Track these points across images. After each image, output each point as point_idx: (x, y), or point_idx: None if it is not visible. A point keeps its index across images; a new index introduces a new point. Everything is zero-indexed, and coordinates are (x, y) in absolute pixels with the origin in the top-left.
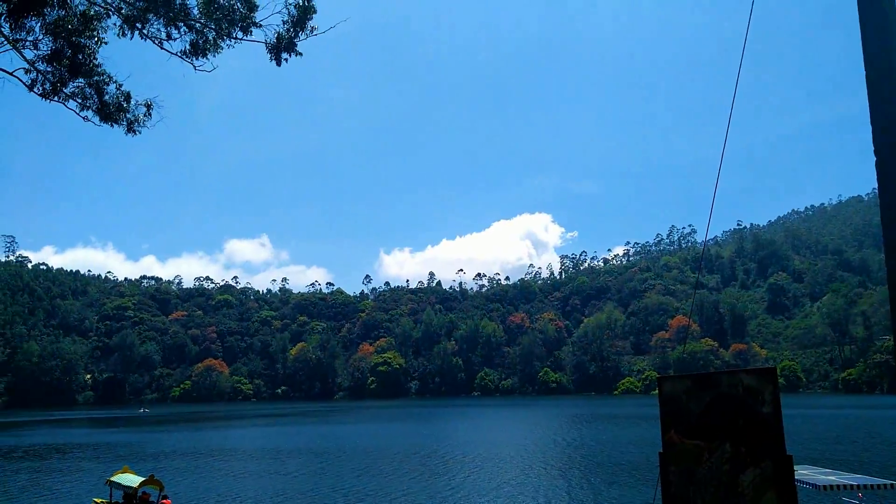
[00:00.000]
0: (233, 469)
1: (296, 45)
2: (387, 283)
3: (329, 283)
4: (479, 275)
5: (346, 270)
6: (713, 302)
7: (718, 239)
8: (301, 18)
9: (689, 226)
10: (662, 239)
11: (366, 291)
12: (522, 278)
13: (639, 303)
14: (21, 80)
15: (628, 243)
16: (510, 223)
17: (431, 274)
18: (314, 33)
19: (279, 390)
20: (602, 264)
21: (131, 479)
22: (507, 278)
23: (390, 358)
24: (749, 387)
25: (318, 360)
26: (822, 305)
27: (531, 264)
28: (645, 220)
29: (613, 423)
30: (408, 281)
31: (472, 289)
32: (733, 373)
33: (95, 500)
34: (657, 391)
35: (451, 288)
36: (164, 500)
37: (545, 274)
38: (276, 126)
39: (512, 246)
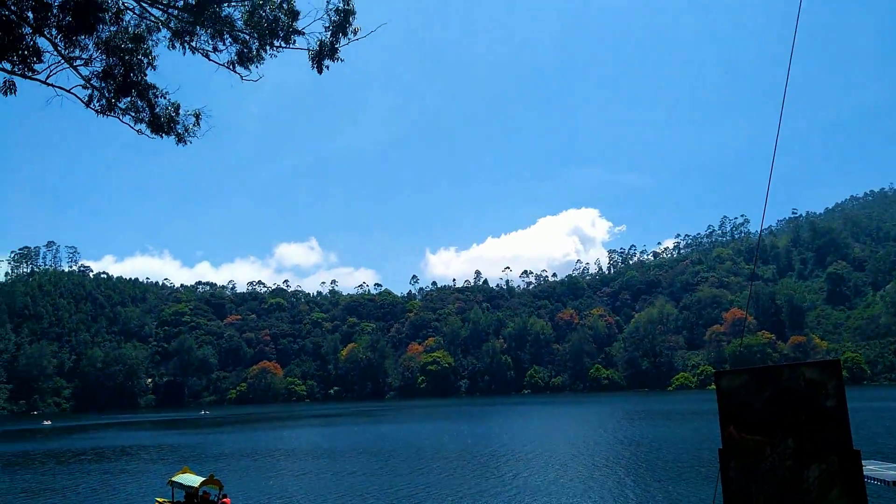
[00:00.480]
0: (290, 469)
1: (337, 52)
2: (434, 283)
3: (377, 284)
4: (525, 272)
5: (393, 271)
6: (769, 293)
7: (773, 228)
8: (342, 23)
9: (742, 216)
10: (714, 230)
11: (413, 291)
12: (570, 274)
13: (691, 296)
14: (78, 97)
15: (678, 236)
16: (556, 219)
17: (478, 272)
18: (356, 36)
19: (332, 391)
20: (652, 258)
21: (192, 480)
22: (555, 275)
23: (439, 357)
24: (811, 380)
25: (368, 361)
26: (886, 294)
27: (578, 260)
28: (695, 212)
29: (669, 419)
30: (454, 280)
31: (518, 286)
32: (794, 366)
33: (158, 499)
34: (714, 386)
35: (497, 286)
36: (224, 500)
37: (593, 269)
38: (321, 130)
39: (558, 242)
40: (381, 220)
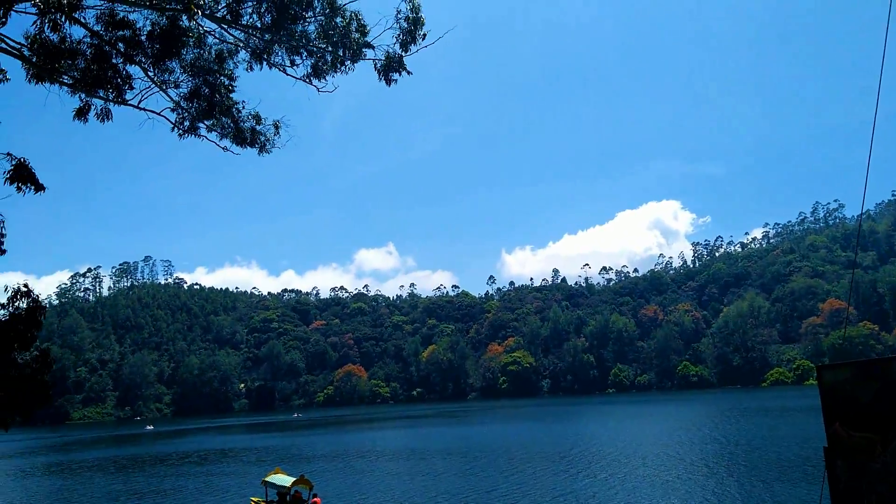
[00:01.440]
0: (377, 469)
1: (405, 65)
2: (511, 283)
3: (454, 286)
4: (605, 268)
5: (470, 273)
6: (870, 281)
7: (871, 213)
8: (412, 31)
9: (836, 201)
10: (806, 217)
11: (490, 292)
12: (652, 269)
13: (783, 287)
14: (168, 119)
15: (767, 225)
16: (635, 213)
17: (555, 271)
18: (425, 41)
19: (415, 392)
20: (739, 249)
21: (284, 480)
22: (636, 270)
23: (519, 357)
24: None
25: (448, 362)
26: None
27: (661, 254)
28: (784, 199)
29: (766, 416)
30: (532, 279)
31: (598, 283)
32: None
33: (253, 499)
34: (815, 381)
35: (576, 284)
36: (315, 499)
37: (677, 263)
38: (393, 136)
39: (639, 236)
40: (455, 222)
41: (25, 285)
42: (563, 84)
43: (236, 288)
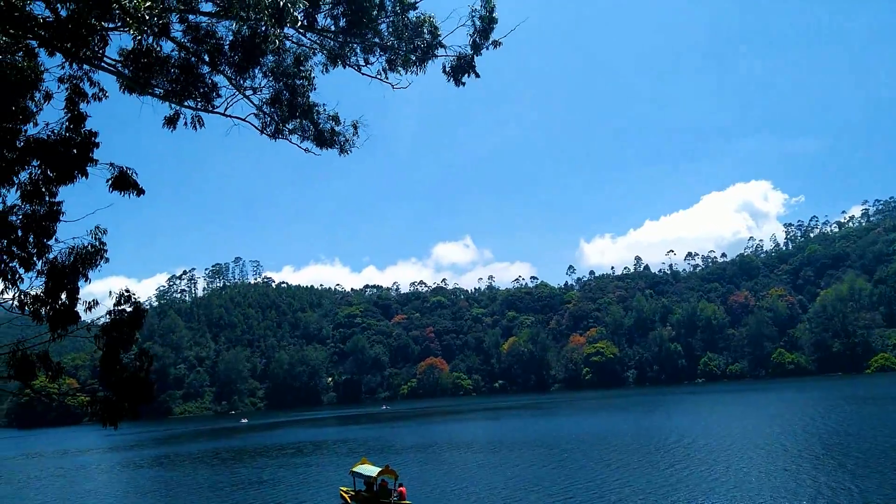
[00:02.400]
0: (462, 460)
1: (475, 67)
2: (591, 272)
3: (533, 277)
4: (690, 254)
5: (548, 263)
6: None
7: None
8: (485, 31)
9: None
10: None
11: (570, 282)
12: (742, 253)
13: (888, 268)
14: (252, 125)
15: (866, 202)
16: (722, 195)
17: (637, 258)
18: (498, 36)
19: (497, 384)
20: (836, 229)
21: (370, 470)
22: (724, 255)
23: (603, 347)
24: None
25: (530, 354)
26: None
27: (751, 237)
28: (885, 174)
29: (872, 404)
30: (613, 268)
31: (684, 270)
32: None
33: (342, 488)
34: None
35: (660, 271)
36: (400, 488)
37: (768, 246)
38: (467, 129)
39: (726, 219)
40: (532, 213)
41: (127, 290)
42: (643, 65)
43: (321, 285)
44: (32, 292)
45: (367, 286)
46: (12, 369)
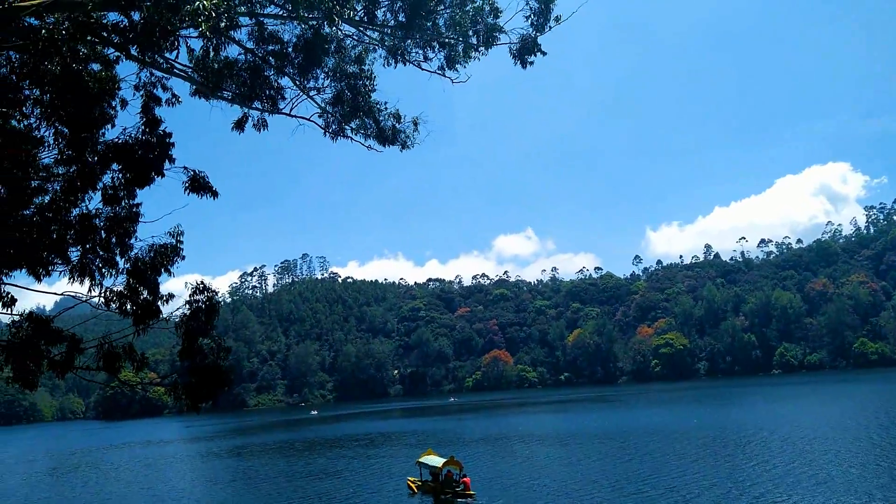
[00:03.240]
0: (530, 453)
1: (539, 46)
2: (658, 262)
3: (597, 268)
4: (763, 241)
5: (613, 253)
6: None
7: None
8: (544, 12)
9: None
10: None
11: (636, 272)
12: (819, 239)
13: None
14: (317, 124)
15: None
16: (797, 179)
17: (707, 246)
18: (560, 17)
19: (562, 377)
20: None
21: (435, 461)
22: (800, 241)
23: (672, 339)
24: None
25: (596, 346)
26: None
27: (829, 222)
28: None
29: None
30: (681, 257)
31: (757, 258)
32: None
33: (409, 478)
34: None
35: (731, 259)
36: (464, 479)
37: (848, 230)
38: (526, 119)
39: (802, 204)
40: (595, 202)
41: (202, 282)
42: (711, 44)
43: (385, 279)
44: (116, 289)
45: (429, 280)
46: (100, 361)
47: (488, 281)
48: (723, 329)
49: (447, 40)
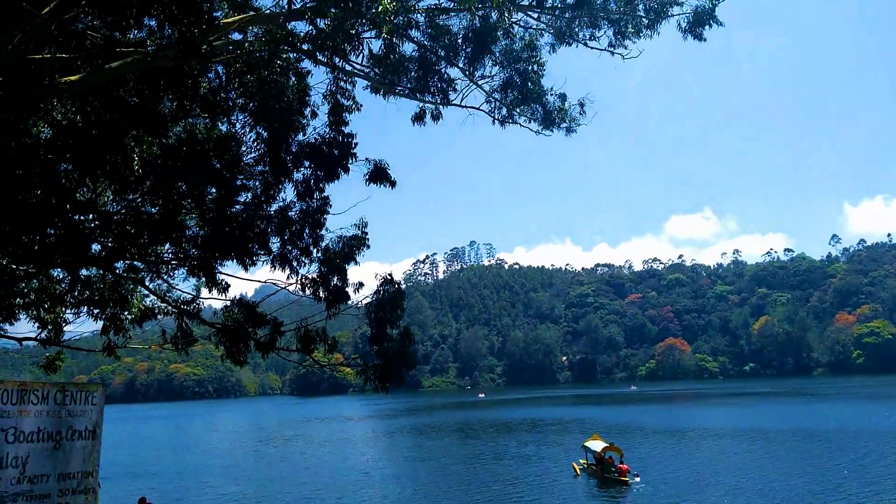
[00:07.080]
0: (705, 448)
1: (715, 16)
2: (861, 241)
3: (787, 249)
4: None
5: (806, 232)
6: None
7: None
8: None
9: None
10: None
11: (834, 253)
12: None
13: None
14: (485, 112)
15: None
16: None
17: None
18: None
19: (747, 367)
20: None
21: (597, 445)
22: None
23: (878, 327)
24: None
25: (786, 334)
26: None
27: None
28: None
29: None
30: (889, 235)
31: None
32: None
33: (574, 463)
34: None
35: None
36: (621, 466)
37: None
38: (699, 92)
39: None
40: (784, 176)
41: (390, 274)
42: None
43: (552, 265)
44: (311, 276)
45: (597, 265)
46: (299, 343)
47: (661, 265)
48: None
49: (616, 17)
